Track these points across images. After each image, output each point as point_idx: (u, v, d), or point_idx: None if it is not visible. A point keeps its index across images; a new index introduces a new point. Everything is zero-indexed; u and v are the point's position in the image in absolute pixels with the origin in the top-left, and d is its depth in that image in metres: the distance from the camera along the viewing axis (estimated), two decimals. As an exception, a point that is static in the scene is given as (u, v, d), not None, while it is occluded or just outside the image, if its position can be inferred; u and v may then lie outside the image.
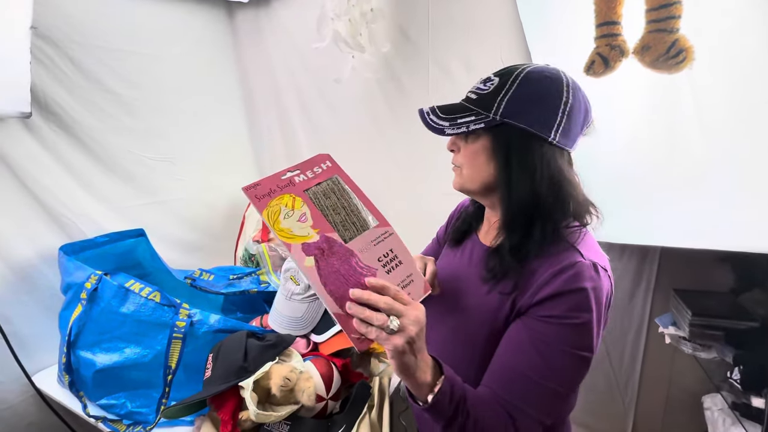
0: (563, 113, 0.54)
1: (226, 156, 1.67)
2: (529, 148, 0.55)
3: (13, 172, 1.10)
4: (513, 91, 0.55)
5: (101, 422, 0.93)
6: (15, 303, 1.12)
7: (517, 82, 0.55)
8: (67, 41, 1.17)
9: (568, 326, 0.51)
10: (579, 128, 0.57)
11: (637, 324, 1.23)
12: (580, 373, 0.54)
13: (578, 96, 0.56)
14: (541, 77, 0.55)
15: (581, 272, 0.51)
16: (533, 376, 0.52)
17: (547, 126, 0.54)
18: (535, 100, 0.54)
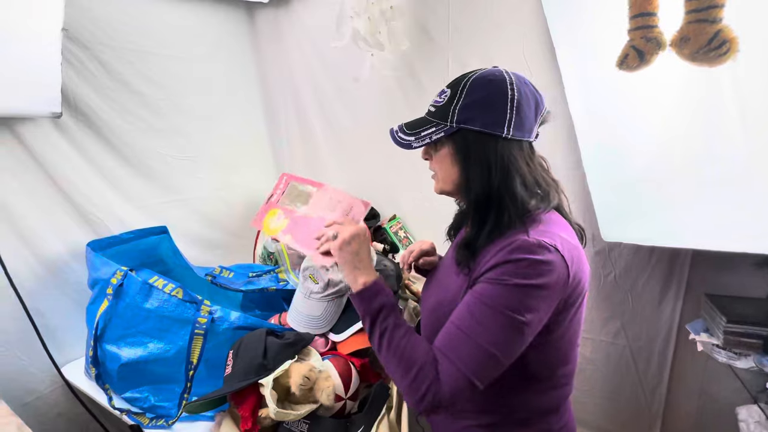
0: (512, 109, 0.60)
1: (245, 155, 1.70)
2: (485, 147, 0.61)
3: (45, 171, 1.14)
4: (463, 99, 0.62)
5: (125, 415, 0.96)
6: (46, 297, 1.16)
7: (466, 90, 0.62)
8: (95, 43, 1.21)
9: (501, 286, 0.57)
10: (532, 118, 0.63)
11: (665, 330, 1.18)
12: (511, 337, 0.57)
13: (523, 90, 0.61)
14: (485, 82, 0.62)
15: (521, 246, 0.57)
16: (465, 331, 0.58)
17: (499, 124, 0.60)
18: (484, 104, 0.61)
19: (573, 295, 0.61)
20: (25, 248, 1.12)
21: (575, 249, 0.61)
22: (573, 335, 0.66)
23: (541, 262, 0.56)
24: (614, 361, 1.26)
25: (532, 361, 0.63)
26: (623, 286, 1.19)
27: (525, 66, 1.19)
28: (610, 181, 1.06)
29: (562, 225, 0.64)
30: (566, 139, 1.16)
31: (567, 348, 0.66)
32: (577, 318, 0.65)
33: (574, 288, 0.60)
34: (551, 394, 0.68)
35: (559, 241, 0.59)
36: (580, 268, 0.61)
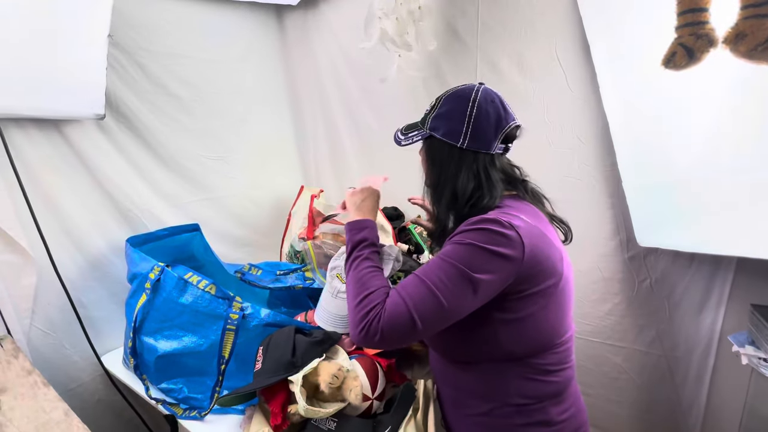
0: (468, 124, 0.70)
1: (273, 155, 1.73)
2: (445, 153, 0.72)
3: (88, 170, 1.20)
4: (436, 111, 0.74)
5: (161, 405, 1.00)
6: (87, 289, 1.22)
7: (439, 103, 0.75)
8: (136, 48, 1.26)
9: (458, 245, 0.65)
10: (492, 132, 0.71)
11: (705, 341, 1.12)
12: (459, 288, 0.63)
13: (484, 107, 0.70)
14: (452, 98, 0.74)
15: (481, 219, 0.65)
16: (419, 275, 0.65)
17: (456, 135, 0.71)
18: (446, 116, 0.72)
19: (537, 276, 0.66)
20: (70, 243, 1.18)
21: (535, 230, 0.67)
22: (554, 320, 0.70)
23: (497, 233, 0.63)
24: (649, 372, 1.21)
25: (511, 342, 0.68)
26: (660, 293, 1.14)
27: (557, 64, 1.16)
28: (647, 183, 1.01)
29: (527, 211, 0.72)
30: (600, 139, 1.12)
31: (549, 331, 0.70)
32: (555, 302, 0.69)
33: (534, 267, 0.65)
34: (544, 380, 0.71)
35: (517, 221, 0.65)
36: (541, 250, 0.66)
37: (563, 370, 0.74)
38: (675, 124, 0.86)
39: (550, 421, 0.72)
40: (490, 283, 0.63)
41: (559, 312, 0.71)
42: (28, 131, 1.07)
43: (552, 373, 0.72)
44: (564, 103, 1.17)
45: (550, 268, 0.67)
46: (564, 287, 0.71)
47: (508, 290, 0.65)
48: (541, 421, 0.72)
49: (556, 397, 0.73)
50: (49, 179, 1.12)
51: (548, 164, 1.23)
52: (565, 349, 0.74)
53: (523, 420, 0.72)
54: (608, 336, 1.26)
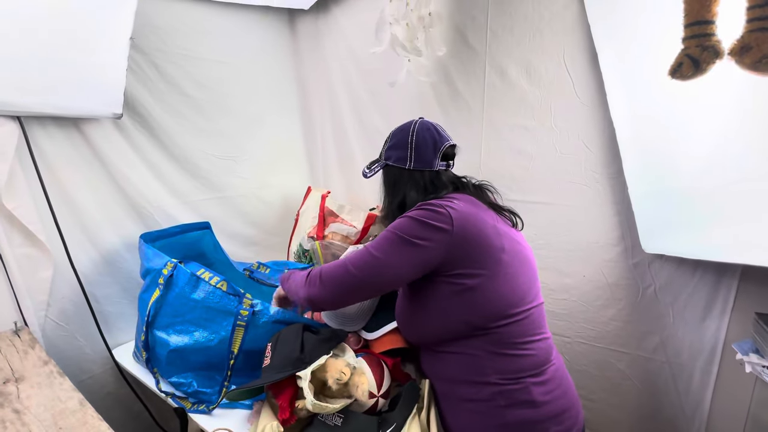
0: (411, 150, 0.89)
1: (282, 156, 1.76)
2: (396, 176, 0.92)
3: (105, 167, 1.23)
4: (387, 144, 0.95)
5: (170, 398, 1.02)
6: (101, 284, 1.25)
7: (389, 137, 0.95)
8: (153, 49, 1.30)
9: (400, 219, 0.82)
10: (431, 154, 0.89)
11: (708, 348, 1.12)
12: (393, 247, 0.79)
13: (422, 135, 0.90)
14: (397, 132, 0.94)
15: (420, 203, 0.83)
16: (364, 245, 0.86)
17: (403, 160, 0.90)
18: (394, 147, 0.92)
19: (471, 247, 0.77)
20: (86, 238, 1.21)
21: (467, 209, 0.80)
22: (504, 289, 0.79)
23: (430, 210, 0.79)
24: (652, 378, 1.22)
25: (466, 312, 0.78)
26: (664, 300, 1.15)
27: (565, 70, 1.17)
28: (653, 190, 1.03)
29: (463, 199, 0.84)
30: (607, 145, 1.14)
31: (500, 300, 0.78)
32: (503, 273, 0.79)
33: (466, 239, 0.77)
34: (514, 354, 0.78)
35: (448, 202, 0.80)
36: (472, 225, 0.78)
37: (532, 342, 0.80)
38: (682, 132, 0.87)
39: (534, 401, 0.77)
40: (424, 248, 0.77)
41: (509, 282, 0.79)
42: (48, 129, 1.11)
43: (520, 345, 0.79)
44: (571, 110, 1.19)
45: (485, 242, 0.78)
46: (511, 261, 0.80)
47: (449, 260, 0.77)
48: (524, 401, 0.77)
49: (535, 375, 0.79)
50: (67, 175, 1.16)
51: (555, 169, 1.25)
52: (525, 319, 0.81)
53: (507, 401, 0.77)
54: (612, 341, 1.26)
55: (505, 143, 1.33)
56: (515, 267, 0.81)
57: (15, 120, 1.00)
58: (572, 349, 1.33)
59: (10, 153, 0.99)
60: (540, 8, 1.18)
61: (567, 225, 1.27)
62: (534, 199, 1.30)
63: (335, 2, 1.61)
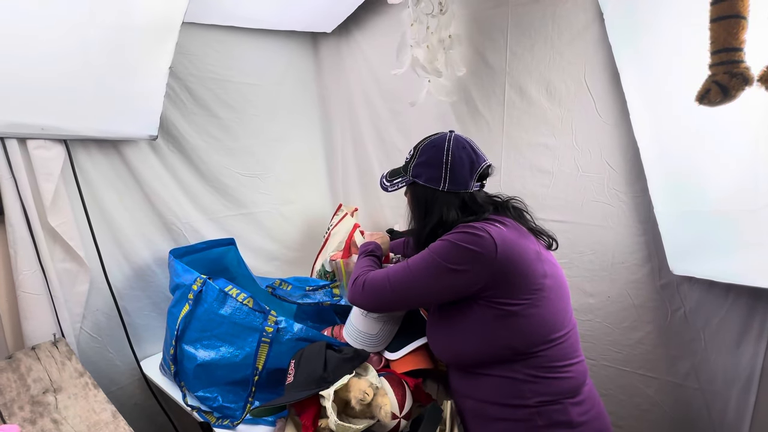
0: (446, 170, 0.83)
1: (304, 174, 1.81)
2: (428, 196, 0.85)
3: (140, 185, 1.30)
4: (416, 159, 0.87)
5: (196, 412, 1.04)
6: (132, 297, 1.31)
7: (417, 152, 0.88)
8: (186, 74, 1.38)
9: (440, 242, 0.78)
10: (467, 175, 0.84)
11: (745, 376, 1.07)
12: (432, 272, 0.77)
13: (458, 154, 0.83)
14: (428, 148, 0.86)
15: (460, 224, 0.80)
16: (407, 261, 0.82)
17: (437, 180, 0.84)
18: (426, 165, 0.85)
19: (515, 273, 0.74)
20: (120, 253, 1.27)
21: (509, 234, 0.77)
22: (547, 314, 0.77)
23: (471, 234, 0.75)
24: (684, 406, 1.17)
25: (509, 337, 0.76)
26: (694, 323, 1.11)
27: (586, 90, 1.18)
28: (680, 211, 1.01)
29: (505, 222, 0.81)
30: (631, 164, 1.13)
31: (544, 325, 0.76)
32: (546, 298, 0.76)
33: (509, 264, 0.74)
34: (554, 377, 0.76)
35: (490, 226, 0.76)
36: (514, 250, 0.75)
37: (571, 365, 0.78)
38: (708, 155, 0.86)
39: (572, 422, 0.75)
40: (464, 274, 0.74)
41: (551, 307, 0.78)
42: (90, 150, 1.18)
43: (560, 368, 0.77)
44: (593, 129, 1.19)
45: (528, 269, 0.76)
46: (552, 285, 0.78)
47: (491, 286, 0.75)
48: (562, 421, 0.75)
49: (573, 395, 0.77)
50: (105, 194, 1.22)
51: (577, 188, 1.24)
52: (566, 343, 0.79)
53: (545, 421, 0.75)
54: (639, 365, 1.22)
55: (525, 161, 1.34)
56: (555, 291, 0.80)
57: (62, 143, 1.08)
58: (598, 373, 1.30)
59: (57, 173, 1.06)
60: (560, 29, 1.20)
61: (590, 244, 1.25)
62: (555, 217, 1.29)
63: (357, 26, 1.67)
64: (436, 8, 1.31)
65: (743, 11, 0.58)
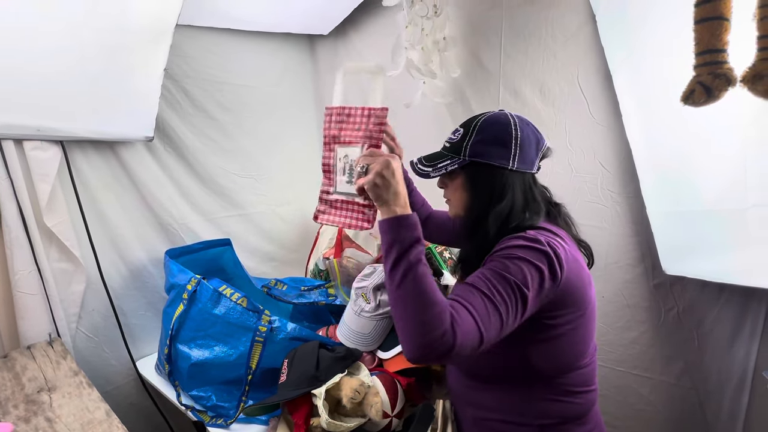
0: (515, 146, 0.72)
1: (299, 174, 1.81)
2: (492, 178, 0.73)
3: (136, 186, 1.31)
4: (474, 137, 0.74)
5: (190, 411, 1.05)
6: (128, 297, 1.31)
7: (476, 129, 0.74)
8: (182, 76, 1.39)
9: (508, 259, 0.64)
10: (534, 154, 0.75)
11: (738, 375, 1.08)
12: (513, 300, 0.61)
13: (526, 130, 0.73)
14: (493, 122, 0.74)
15: (523, 236, 0.67)
16: (477, 286, 0.62)
17: (506, 158, 0.72)
18: (492, 141, 0.72)
19: (568, 299, 0.67)
20: (116, 253, 1.28)
21: (570, 255, 0.69)
22: (582, 340, 0.72)
23: (543, 252, 0.64)
24: (678, 406, 1.17)
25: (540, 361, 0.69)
26: (687, 323, 1.12)
27: (579, 92, 1.19)
28: (672, 211, 1.01)
29: (562, 235, 0.73)
30: (624, 165, 1.13)
31: (576, 350, 0.71)
32: (584, 323, 0.71)
33: (567, 291, 0.66)
34: (568, 402, 0.72)
35: (556, 243, 0.67)
36: (575, 275, 0.67)
37: (587, 393, 0.75)
38: (697, 156, 0.86)
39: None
40: (533, 300, 0.63)
41: (587, 332, 0.73)
42: (86, 151, 1.19)
43: (576, 394, 0.73)
44: (586, 130, 1.19)
45: (581, 293, 0.69)
46: (592, 312, 0.73)
47: (540, 311, 0.66)
48: None
49: (579, 419, 0.74)
50: (101, 194, 1.23)
51: (571, 189, 1.25)
52: (590, 368, 0.76)
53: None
54: (634, 365, 1.22)
55: (519, 162, 1.34)
56: (593, 316, 0.74)
57: (58, 144, 1.09)
58: (592, 373, 1.30)
59: (53, 174, 1.07)
60: (553, 31, 1.21)
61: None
62: (550, 218, 1.29)
63: (353, 28, 1.68)
64: (430, 11, 1.32)
65: (726, 13, 0.59)
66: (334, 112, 0.86)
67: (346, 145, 0.83)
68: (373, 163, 0.68)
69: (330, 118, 0.87)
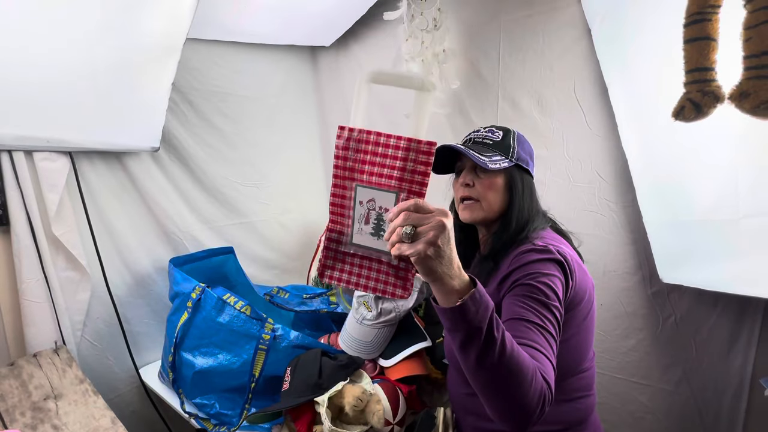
0: (533, 159, 0.86)
1: (301, 183, 1.84)
2: (527, 182, 0.83)
3: (141, 196, 1.33)
4: (518, 144, 0.83)
5: (193, 419, 1.06)
6: (132, 305, 1.33)
7: (517, 138, 0.85)
8: (188, 88, 1.42)
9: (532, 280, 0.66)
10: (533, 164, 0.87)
11: (736, 383, 1.09)
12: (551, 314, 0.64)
13: (529, 144, 0.87)
14: (519, 135, 0.86)
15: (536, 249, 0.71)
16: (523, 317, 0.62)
17: (531, 167, 0.85)
18: (527, 152, 0.85)
19: (577, 304, 0.71)
20: (121, 262, 1.30)
21: (575, 259, 0.74)
22: (584, 344, 0.75)
23: (552, 260, 0.68)
24: (677, 413, 1.18)
25: None
26: (685, 331, 1.13)
27: (576, 103, 1.21)
28: (668, 221, 1.03)
29: (562, 241, 0.79)
30: (620, 175, 1.15)
31: (578, 355, 0.75)
32: (587, 325, 0.74)
33: (576, 296, 0.70)
34: (567, 407, 0.74)
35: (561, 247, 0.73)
36: (581, 279, 0.72)
37: (586, 398, 0.78)
38: (690, 168, 0.89)
39: None
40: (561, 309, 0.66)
41: (589, 335, 0.76)
42: (94, 162, 1.21)
43: (576, 399, 0.76)
44: (583, 140, 1.22)
45: (587, 296, 0.73)
46: (593, 313, 0.77)
47: None
48: None
49: (579, 424, 0.76)
50: (107, 204, 1.25)
51: (568, 198, 1.27)
52: (589, 373, 0.78)
53: None
54: (632, 373, 1.24)
55: (518, 172, 1.36)
56: (593, 320, 0.77)
57: (67, 155, 1.11)
58: (592, 380, 1.31)
59: (61, 185, 1.09)
60: (550, 44, 1.24)
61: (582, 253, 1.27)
62: (548, 226, 1.31)
63: (355, 40, 1.72)
64: (430, 24, 1.36)
65: (713, 34, 0.61)
66: (354, 136, 0.63)
67: (373, 186, 0.60)
68: (424, 225, 0.49)
69: (346, 143, 0.63)
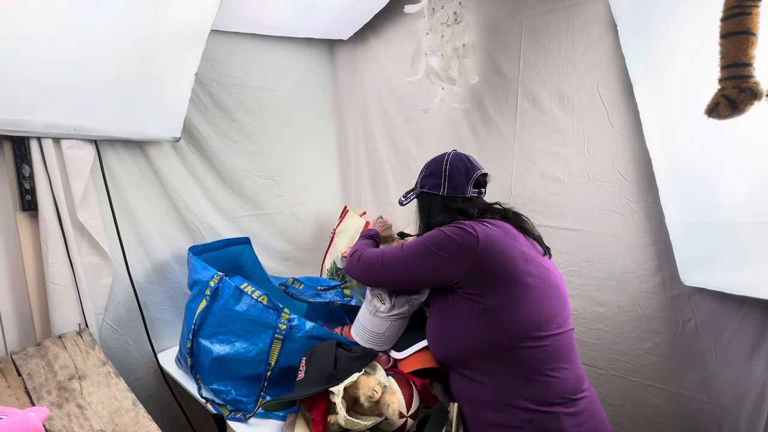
0: (445, 178, 0.99)
1: (317, 176, 1.85)
2: (431, 201, 1.01)
3: (162, 185, 1.36)
4: (423, 173, 1.05)
5: (210, 404, 1.08)
6: (151, 292, 1.36)
7: (424, 167, 1.06)
8: (208, 79, 1.43)
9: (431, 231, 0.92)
10: (464, 181, 0.98)
11: (757, 390, 1.06)
12: (419, 254, 0.91)
13: (455, 164, 0.99)
14: (431, 162, 1.04)
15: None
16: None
17: (438, 186, 0.99)
18: (429, 175, 1.02)
19: (495, 267, 0.83)
20: (141, 249, 1.33)
21: (495, 232, 0.87)
22: (528, 312, 0.82)
23: (458, 227, 0.87)
24: (693, 419, 1.16)
25: (490, 329, 0.82)
26: (705, 336, 1.11)
27: (599, 100, 1.19)
28: (692, 222, 1.01)
29: (496, 224, 0.91)
30: (642, 174, 1.13)
31: (523, 322, 0.81)
32: (528, 297, 0.82)
33: (491, 259, 0.83)
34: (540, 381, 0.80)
35: (477, 224, 0.88)
36: (498, 246, 0.84)
37: (560, 370, 0.81)
38: (719, 167, 0.86)
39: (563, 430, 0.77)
40: (446, 260, 0.86)
41: (535, 305, 0.83)
42: (118, 150, 1.24)
43: (548, 372, 0.80)
44: (605, 139, 1.19)
45: (510, 263, 0.83)
46: (537, 285, 0.84)
47: (471, 278, 0.83)
48: (555, 431, 0.77)
49: (566, 404, 0.79)
50: (130, 192, 1.28)
51: (588, 196, 1.25)
52: (553, 345, 0.82)
53: (537, 430, 0.78)
54: (648, 376, 1.22)
55: (536, 169, 1.35)
56: (542, 292, 0.85)
57: (92, 143, 1.14)
58: (606, 382, 1.29)
59: (87, 172, 1.12)
60: (574, 40, 1.21)
61: (600, 253, 1.26)
62: (565, 225, 1.30)
63: (373, 34, 1.71)
64: (451, 18, 1.34)
65: (753, 28, 0.59)
66: None
67: None
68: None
69: None
